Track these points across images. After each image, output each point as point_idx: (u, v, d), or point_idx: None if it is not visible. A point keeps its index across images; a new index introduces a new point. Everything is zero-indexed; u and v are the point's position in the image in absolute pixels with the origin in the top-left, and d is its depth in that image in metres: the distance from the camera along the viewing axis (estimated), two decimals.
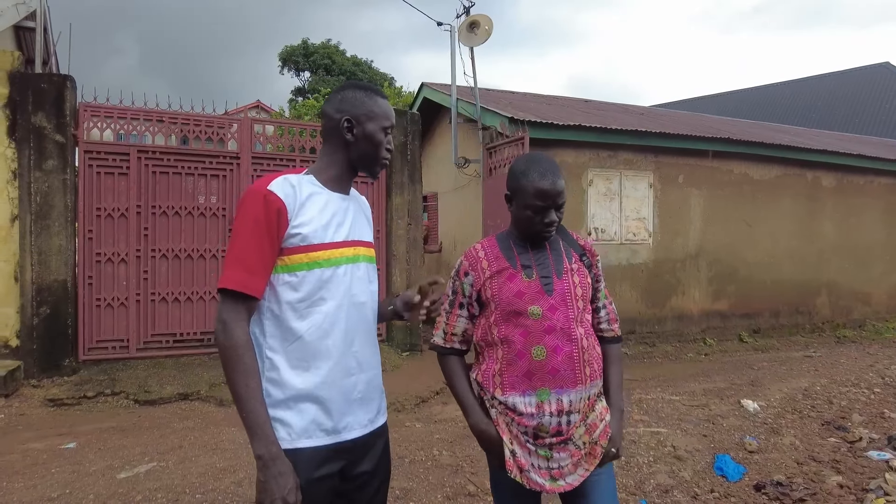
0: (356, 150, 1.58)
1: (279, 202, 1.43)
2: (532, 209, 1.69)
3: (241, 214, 1.44)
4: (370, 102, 1.58)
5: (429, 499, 3.27)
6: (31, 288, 5.55)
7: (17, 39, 8.46)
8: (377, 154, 1.60)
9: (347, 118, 1.56)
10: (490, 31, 7.90)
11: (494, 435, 1.70)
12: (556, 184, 1.68)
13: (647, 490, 3.36)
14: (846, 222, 9.95)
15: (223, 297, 1.43)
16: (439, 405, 5.39)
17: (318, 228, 1.48)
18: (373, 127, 1.57)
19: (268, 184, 1.46)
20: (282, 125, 7.33)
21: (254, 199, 1.43)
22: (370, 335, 1.63)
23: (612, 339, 1.85)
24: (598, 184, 7.98)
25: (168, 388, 5.48)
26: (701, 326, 8.64)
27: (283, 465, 1.35)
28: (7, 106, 5.57)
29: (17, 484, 3.45)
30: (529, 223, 1.71)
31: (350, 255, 1.54)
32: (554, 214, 1.70)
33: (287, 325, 1.46)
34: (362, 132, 1.57)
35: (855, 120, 22.23)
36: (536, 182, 1.67)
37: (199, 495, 3.28)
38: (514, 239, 1.79)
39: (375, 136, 1.58)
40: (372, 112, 1.58)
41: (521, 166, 1.74)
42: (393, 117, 1.63)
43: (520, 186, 1.71)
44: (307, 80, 30.00)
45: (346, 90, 1.60)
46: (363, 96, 1.59)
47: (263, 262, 1.43)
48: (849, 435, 4.23)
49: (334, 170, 1.59)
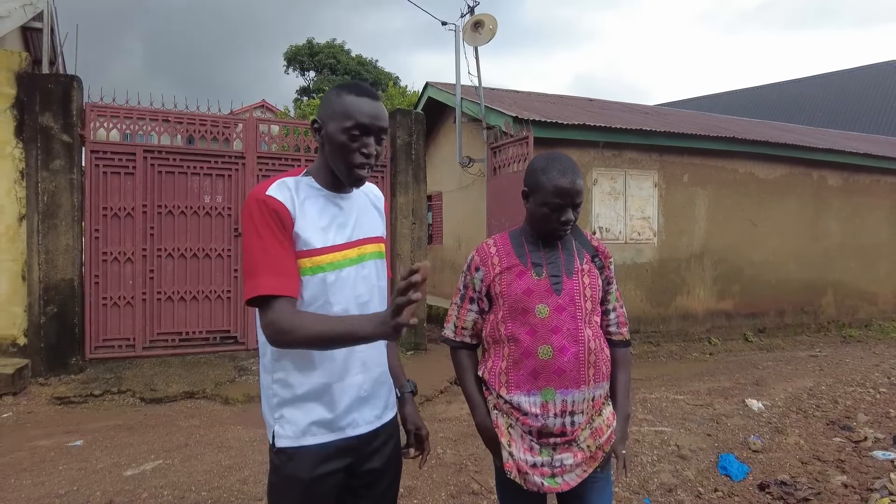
0: (328, 155, 1.48)
1: (279, 205, 1.40)
2: (549, 206, 1.68)
3: (247, 225, 1.40)
4: (336, 101, 1.44)
5: (433, 497, 3.28)
6: (39, 287, 5.59)
7: (24, 40, 8.50)
8: (345, 159, 1.44)
9: (315, 119, 1.49)
10: (495, 30, 7.90)
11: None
12: (575, 182, 1.67)
13: (650, 489, 3.36)
14: (852, 221, 9.91)
15: (262, 309, 1.35)
16: (444, 404, 5.40)
17: (317, 232, 1.45)
18: (333, 127, 1.43)
19: (265, 189, 1.41)
20: (287, 125, 7.35)
21: (255, 207, 1.39)
22: None
23: (620, 343, 1.84)
24: (603, 183, 7.97)
25: (174, 386, 5.51)
26: (706, 326, 8.62)
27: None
28: (14, 106, 5.61)
29: (26, 481, 3.48)
30: (546, 221, 1.71)
31: (354, 257, 1.51)
32: (571, 213, 1.69)
33: None
34: (326, 134, 1.46)
35: (861, 119, 22.12)
36: (556, 180, 1.67)
37: (205, 493, 3.31)
38: (527, 236, 1.79)
39: (336, 138, 1.43)
40: (333, 111, 1.44)
41: (540, 164, 1.73)
42: (363, 116, 1.42)
43: (538, 184, 1.70)
44: (312, 80, 30.10)
45: (330, 90, 1.51)
46: (333, 95, 1.47)
47: (286, 263, 1.38)
48: (854, 434, 4.22)
49: (326, 172, 1.52)
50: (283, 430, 1.44)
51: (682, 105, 27.07)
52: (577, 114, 8.92)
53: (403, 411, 1.71)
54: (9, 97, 5.60)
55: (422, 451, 1.72)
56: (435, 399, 5.58)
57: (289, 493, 1.44)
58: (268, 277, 1.35)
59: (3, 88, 5.59)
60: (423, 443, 1.72)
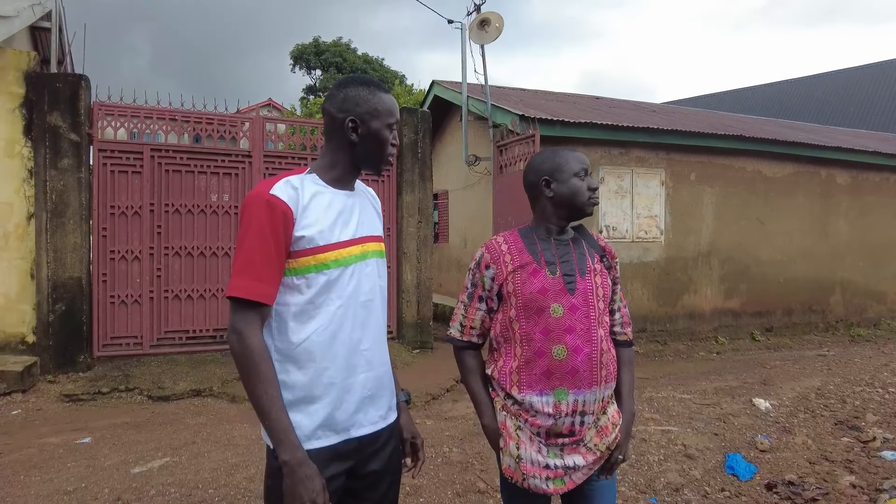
0: (361, 150, 1.53)
1: (283, 206, 1.40)
2: (579, 176, 1.75)
3: (244, 221, 1.41)
4: (374, 99, 1.51)
5: (438, 496, 3.28)
6: (47, 285, 5.62)
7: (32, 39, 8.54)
8: (382, 153, 1.55)
9: (352, 118, 1.50)
10: (501, 28, 7.89)
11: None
12: (585, 157, 1.82)
13: (657, 488, 3.35)
14: (861, 220, 9.84)
15: (234, 307, 1.39)
16: (450, 402, 5.40)
17: (323, 229, 1.45)
18: (377, 125, 1.52)
19: (269, 188, 1.42)
20: (293, 124, 7.36)
21: (257, 206, 1.40)
22: (379, 332, 1.60)
23: (624, 343, 1.83)
24: (610, 181, 7.95)
25: (181, 384, 5.54)
26: (713, 325, 8.59)
27: (309, 469, 1.34)
28: (23, 105, 5.64)
29: (35, 477, 3.50)
30: (579, 192, 1.75)
31: (358, 254, 1.51)
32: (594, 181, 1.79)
33: (295, 327, 1.44)
34: (367, 131, 1.51)
35: (870, 117, 21.97)
36: (570, 155, 1.78)
37: (212, 490, 3.32)
38: (539, 234, 1.78)
39: (381, 135, 1.53)
40: (376, 110, 1.51)
41: (545, 153, 1.82)
42: (397, 112, 1.57)
43: (557, 165, 1.77)
44: (318, 79, 30.13)
45: (347, 87, 1.53)
46: (366, 93, 1.52)
47: (271, 269, 1.39)
48: (862, 435, 4.20)
49: (338, 169, 1.54)
50: None
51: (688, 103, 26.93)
52: (584, 112, 8.90)
53: (399, 420, 1.69)
54: (18, 96, 5.63)
55: (416, 460, 1.71)
56: (441, 398, 5.58)
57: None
58: (248, 280, 1.38)
59: (12, 88, 5.62)
60: (418, 451, 1.71)
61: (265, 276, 1.39)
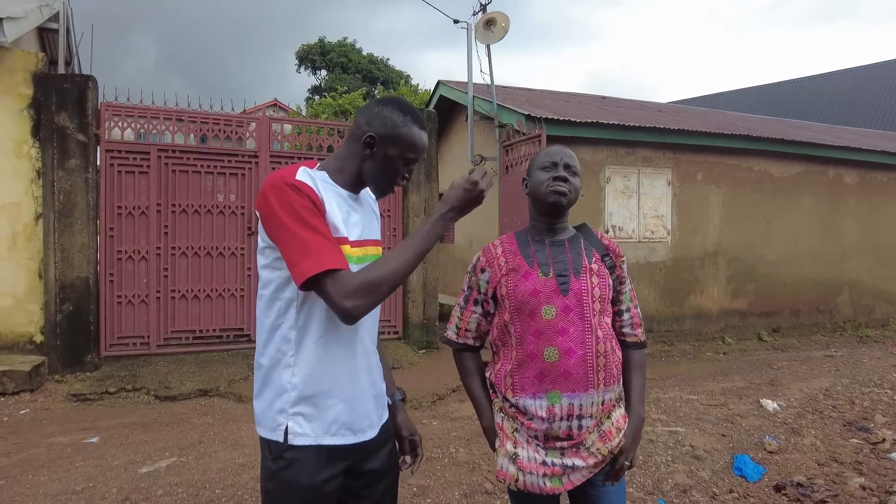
0: (369, 167, 1.51)
1: (310, 191, 1.38)
2: (545, 168, 1.74)
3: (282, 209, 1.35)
4: (403, 128, 1.49)
5: (446, 496, 3.28)
6: (55, 285, 5.65)
7: (40, 40, 8.59)
8: (388, 179, 1.53)
9: (372, 135, 1.47)
10: (507, 28, 7.87)
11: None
12: (562, 150, 1.78)
13: (665, 490, 3.34)
14: (869, 220, 9.78)
15: (332, 283, 1.31)
16: (456, 402, 5.39)
17: (338, 224, 1.44)
18: (394, 152, 1.49)
19: (293, 174, 1.40)
20: (299, 124, 7.37)
21: (290, 191, 1.36)
22: (376, 334, 1.66)
23: (634, 345, 1.79)
24: (616, 181, 7.93)
25: (188, 384, 5.56)
26: (719, 325, 8.55)
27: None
28: (31, 106, 5.66)
29: (43, 477, 3.52)
30: (540, 184, 1.73)
31: (359, 256, 1.51)
32: (562, 171, 1.72)
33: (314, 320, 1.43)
34: (382, 154, 1.49)
35: (877, 116, 21.84)
36: (545, 150, 1.80)
37: (219, 490, 3.33)
38: (533, 235, 1.77)
39: (393, 163, 1.50)
40: (400, 138, 1.49)
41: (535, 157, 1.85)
42: (422, 150, 1.53)
43: (532, 163, 1.81)
44: (324, 79, 30.18)
45: (386, 105, 1.51)
46: (399, 119, 1.49)
47: (333, 241, 1.37)
48: (871, 436, 4.17)
49: (345, 175, 1.53)
50: (300, 428, 1.41)
51: (693, 103, 26.83)
52: (590, 112, 8.88)
53: (397, 419, 1.70)
54: (26, 97, 5.65)
55: (415, 456, 1.72)
56: (447, 398, 5.57)
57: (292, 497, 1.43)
58: (329, 254, 1.33)
59: (20, 88, 5.65)
60: (417, 448, 1.72)
61: (335, 246, 1.36)
